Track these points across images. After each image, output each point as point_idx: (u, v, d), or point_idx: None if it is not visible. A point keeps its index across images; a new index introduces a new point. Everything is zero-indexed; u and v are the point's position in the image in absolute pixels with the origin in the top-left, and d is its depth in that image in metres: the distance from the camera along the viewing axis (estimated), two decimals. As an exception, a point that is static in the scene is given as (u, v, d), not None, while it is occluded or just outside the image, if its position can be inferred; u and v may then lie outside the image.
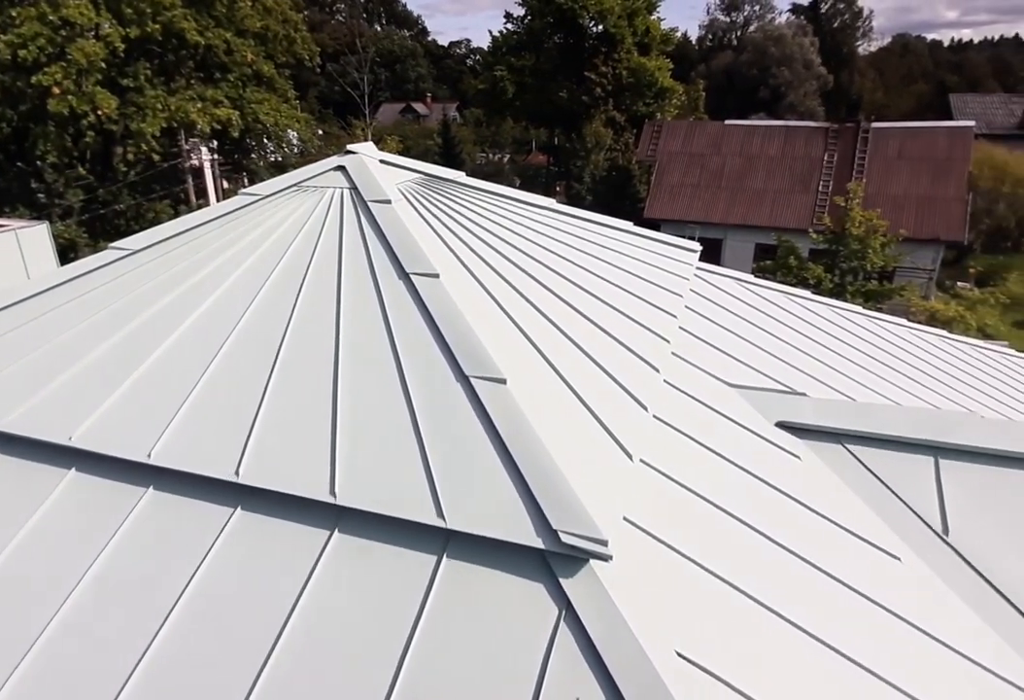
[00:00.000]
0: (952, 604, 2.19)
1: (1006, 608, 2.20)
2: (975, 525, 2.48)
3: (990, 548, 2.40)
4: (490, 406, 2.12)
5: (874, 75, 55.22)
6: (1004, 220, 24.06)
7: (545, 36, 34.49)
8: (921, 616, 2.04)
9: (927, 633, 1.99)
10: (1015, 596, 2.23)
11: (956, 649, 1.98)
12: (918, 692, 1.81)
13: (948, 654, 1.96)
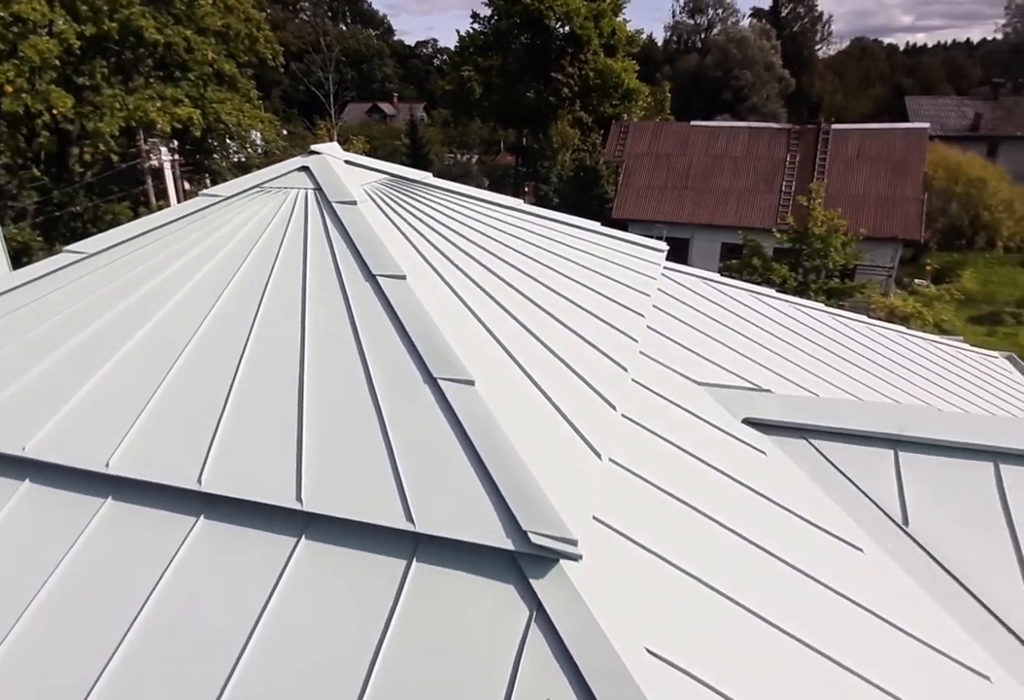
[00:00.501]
0: (912, 593, 2.25)
1: (964, 596, 2.27)
2: (934, 516, 2.55)
3: (948, 538, 2.47)
4: (458, 408, 2.11)
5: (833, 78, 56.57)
6: (958, 219, 24.85)
7: (512, 36, 34.58)
8: (883, 605, 2.09)
9: (889, 622, 2.04)
10: (972, 584, 2.30)
11: (916, 636, 2.03)
12: (882, 680, 1.85)
13: (909, 641, 2.02)
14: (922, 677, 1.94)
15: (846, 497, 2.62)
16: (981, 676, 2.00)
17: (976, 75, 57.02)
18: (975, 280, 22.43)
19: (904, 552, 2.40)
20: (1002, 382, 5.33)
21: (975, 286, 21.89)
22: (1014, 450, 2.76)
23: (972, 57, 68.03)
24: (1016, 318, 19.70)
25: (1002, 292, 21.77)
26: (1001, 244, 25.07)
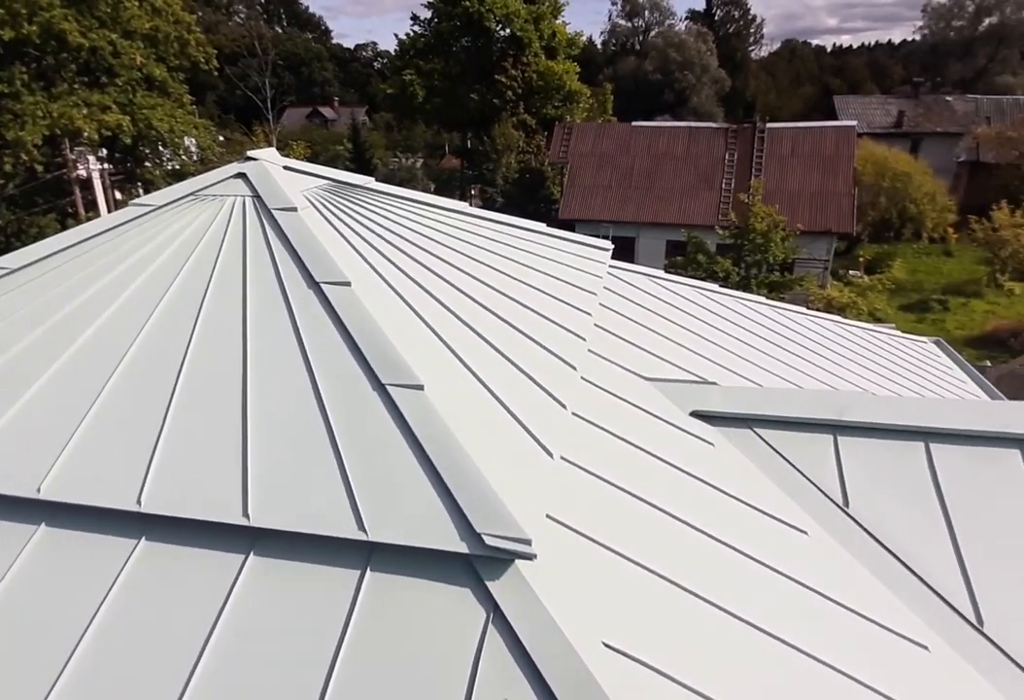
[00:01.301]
0: (854, 570, 2.35)
1: (902, 571, 2.38)
2: (872, 496, 2.67)
3: (886, 516, 2.59)
4: (408, 413, 2.10)
5: (766, 78, 58.50)
6: (887, 212, 26.01)
7: (453, 39, 34.55)
8: (828, 585, 2.18)
9: (834, 600, 2.12)
10: (909, 559, 2.41)
11: (859, 612, 2.12)
12: (829, 657, 1.92)
13: (853, 618, 2.10)
14: (866, 650, 2.03)
15: (790, 482, 2.72)
16: (920, 646, 2.10)
17: (898, 75, 59.87)
18: (904, 270, 23.55)
19: (845, 532, 2.50)
20: (931, 366, 5.61)
21: (904, 275, 22.99)
22: (942, 429, 2.91)
23: (894, 57, 71.44)
24: (942, 305, 20.77)
25: (929, 280, 22.91)
26: (926, 235, 26.36)
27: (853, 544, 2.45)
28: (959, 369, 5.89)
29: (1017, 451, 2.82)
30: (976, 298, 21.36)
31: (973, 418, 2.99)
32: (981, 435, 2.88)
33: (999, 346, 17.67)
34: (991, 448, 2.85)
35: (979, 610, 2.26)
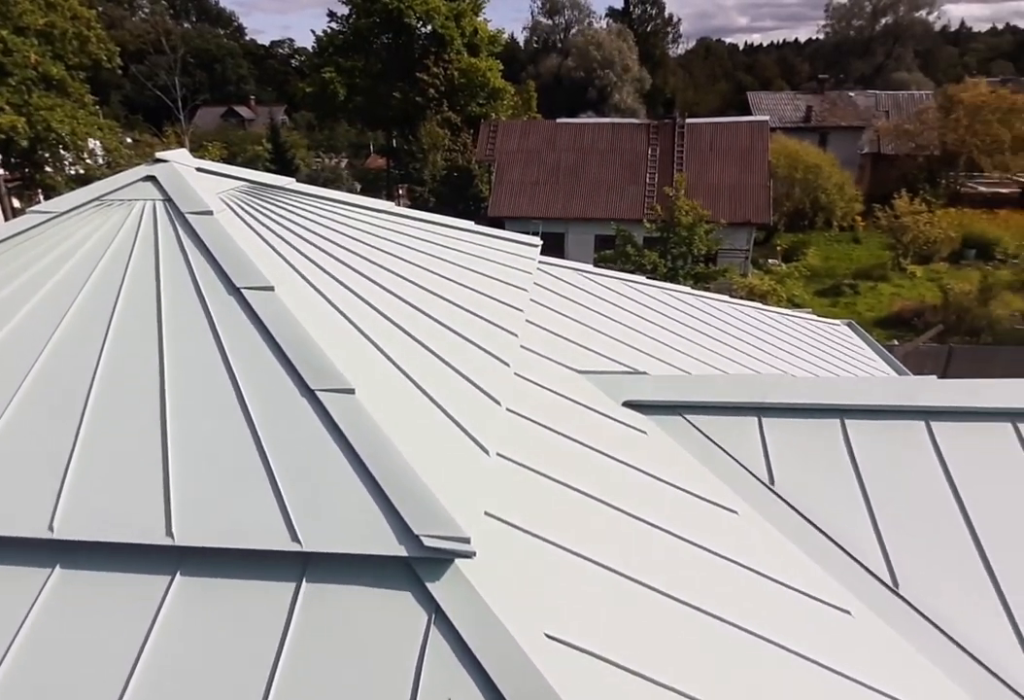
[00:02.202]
0: (782, 544, 2.46)
1: (825, 542, 2.51)
2: (795, 472, 2.80)
3: (808, 491, 2.73)
4: (339, 418, 2.06)
5: (684, 75, 60.33)
6: (800, 202, 27.34)
7: (373, 36, 33.99)
8: (757, 560, 2.28)
9: (764, 574, 2.22)
10: (830, 530, 2.55)
11: (787, 584, 2.23)
12: (763, 630, 2.01)
13: (782, 590, 2.21)
14: (795, 619, 2.14)
15: (720, 464, 2.82)
16: (843, 611, 2.22)
17: (805, 72, 62.92)
18: (818, 257, 24.81)
19: (772, 509, 2.62)
20: (845, 347, 5.94)
21: (818, 262, 24.23)
22: (856, 406, 3.09)
23: (801, 55, 75.07)
24: (853, 289, 22.02)
25: (840, 266, 24.23)
26: (836, 224, 27.86)
27: (779, 520, 2.57)
28: (870, 349, 6.26)
29: (922, 422, 3.02)
30: (883, 281, 22.74)
31: (883, 394, 3.18)
32: (890, 409, 3.08)
33: (904, 326, 18.90)
34: (900, 421, 3.05)
35: (895, 574, 2.42)
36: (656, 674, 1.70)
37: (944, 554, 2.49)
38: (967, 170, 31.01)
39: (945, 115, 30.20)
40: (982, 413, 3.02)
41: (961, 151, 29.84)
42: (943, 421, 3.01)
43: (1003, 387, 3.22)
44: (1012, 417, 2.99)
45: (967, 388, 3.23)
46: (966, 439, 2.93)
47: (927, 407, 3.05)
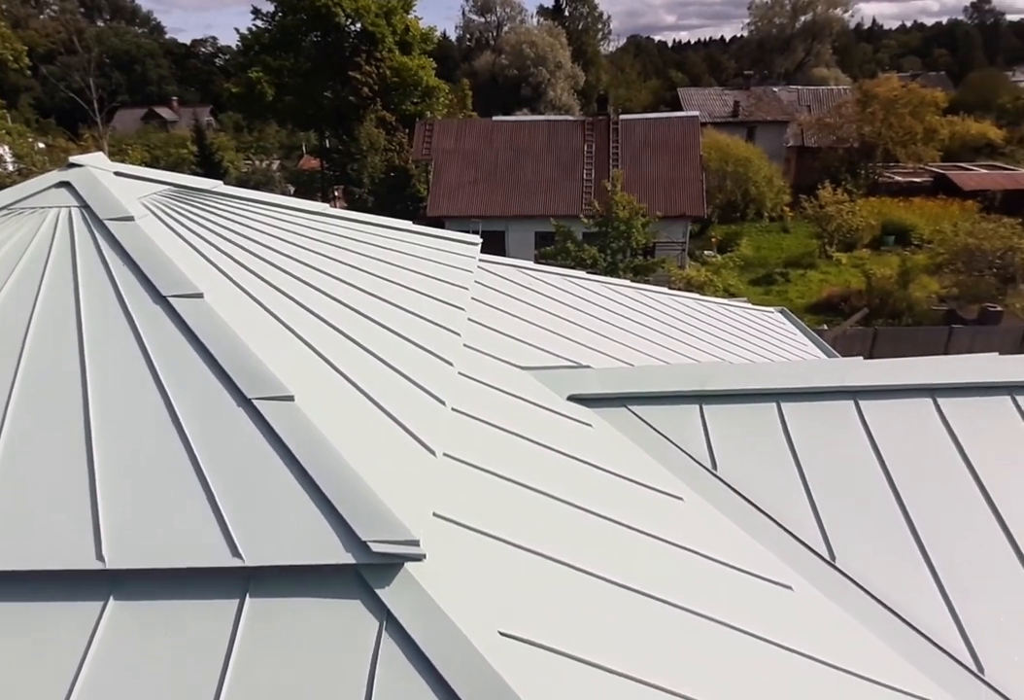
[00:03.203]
0: (725, 526, 2.54)
1: (764, 521, 2.60)
2: (736, 457, 2.89)
3: (749, 474, 2.82)
4: (278, 426, 2.00)
5: (616, 72, 61.27)
6: (732, 195, 28.22)
7: (301, 34, 33.15)
8: (702, 543, 2.34)
9: (709, 557, 2.28)
10: (769, 509, 2.64)
11: (730, 564, 2.30)
12: (711, 611, 2.06)
13: (726, 570, 2.28)
14: (739, 597, 2.21)
15: (664, 453, 2.88)
16: (785, 587, 2.31)
17: (731, 68, 64.88)
18: (751, 247, 25.70)
19: (716, 493, 2.69)
20: (778, 333, 6.17)
21: (751, 252, 25.10)
22: (791, 389, 3.21)
23: (726, 52, 77.42)
24: (784, 277, 22.91)
25: (772, 256, 25.15)
26: (766, 214, 28.90)
27: (723, 503, 2.65)
28: (802, 334, 6.52)
29: (851, 401, 3.17)
30: (812, 269, 23.72)
31: (815, 377, 3.32)
32: (822, 391, 3.21)
33: (832, 310, 19.79)
34: (831, 401, 3.18)
35: (831, 548, 2.53)
36: (610, 662, 1.73)
37: (875, 525, 2.61)
38: (884, 161, 32.63)
39: (862, 109, 31.71)
40: (905, 390, 3.18)
41: (878, 143, 31.39)
42: (870, 399, 3.16)
43: (923, 365, 3.41)
44: (931, 392, 3.17)
45: (890, 367, 3.41)
46: (891, 415, 3.08)
47: (855, 387, 3.20)
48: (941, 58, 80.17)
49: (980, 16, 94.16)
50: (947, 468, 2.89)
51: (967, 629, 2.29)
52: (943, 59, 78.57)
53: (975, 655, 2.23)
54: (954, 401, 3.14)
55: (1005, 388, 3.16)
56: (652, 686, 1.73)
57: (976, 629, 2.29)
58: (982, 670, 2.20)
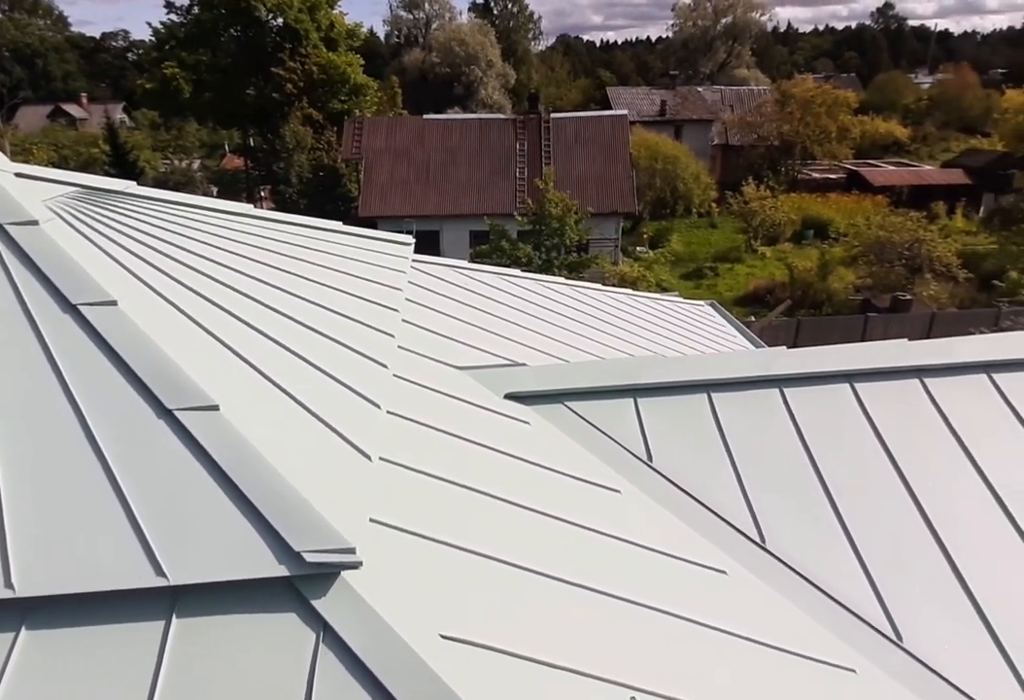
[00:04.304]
0: (661, 516, 2.60)
1: (699, 509, 2.68)
2: (670, 448, 2.97)
3: (683, 464, 2.90)
4: (203, 437, 1.92)
5: (546, 71, 61.78)
6: (661, 191, 28.97)
7: (219, 29, 31.93)
8: (639, 534, 2.39)
9: (646, 546, 2.34)
10: (703, 497, 2.73)
11: (666, 552, 2.36)
12: (650, 599, 2.11)
13: (662, 558, 2.33)
14: (676, 584, 2.27)
15: (601, 447, 2.93)
16: (720, 572, 2.39)
17: (658, 68, 66.45)
18: (681, 243, 26.46)
19: (652, 484, 2.76)
20: (709, 325, 6.37)
21: (681, 248, 25.85)
22: (720, 380, 3.32)
23: (652, 52, 79.32)
24: (713, 271, 23.72)
25: (701, 251, 25.99)
26: (695, 210, 29.82)
27: (658, 493, 2.71)
28: (731, 326, 6.75)
29: (777, 389, 3.30)
30: (739, 263, 24.65)
31: (742, 367, 3.44)
32: (750, 380, 3.33)
33: (759, 302, 20.63)
34: (758, 390, 3.31)
35: (762, 531, 2.63)
36: (553, 657, 1.74)
37: (801, 507, 2.74)
38: (802, 158, 34.21)
39: (780, 108, 33.14)
40: (825, 377, 3.34)
41: (796, 141, 32.87)
42: (794, 387, 3.30)
43: (840, 352, 3.58)
44: (848, 378, 3.34)
45: (811, 355, 3.57)
46: (813, 401, 3.23)
47: (780, 375, 3.33)
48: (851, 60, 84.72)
49: (885, 21, 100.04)
50: (865, 449, 3.05)
51: (887, 601, 2.43)
52: (853, 61, 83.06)
53: (894, 625, 2.37)
54: (869, 386, 3.32)
55: (914, 371, 3.37)
56: (595, 678, 1.75)
57: (895, 600, 2.43)
58: (901, 638, 2.34)
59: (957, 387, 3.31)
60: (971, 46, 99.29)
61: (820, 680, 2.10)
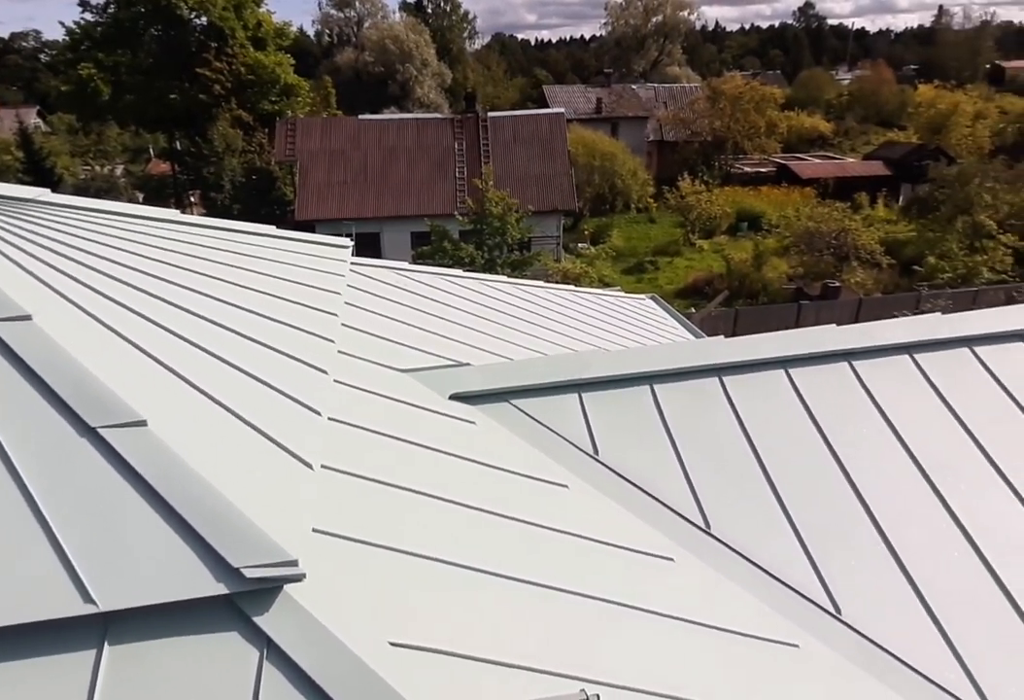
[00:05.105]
0: (609, 508, 2.63)
1: (648, 500, 2.73)
2: (616, 441, 3.01)
3: (629, 456, 2.94)
4: (130, 455, 1.84)
5: (482, 70, 61.70)
6: (600, 188, 29.37)
7: (140, 28, 30.61)
8: (589, 528, 2.41)
9: (594, 539, 2.36)
10: (650, 488, 2.77)
11: (616, 543, 2.39)
12: (599, 591, 2.13)
13: (611, 549, 2.36)
14: (624, 574, 2.30)
15: (548, 443, 2.94)
16: (667, 559, 2.43)
17: (593, 66, 67.33)
18: (621, 238, 26.91)
19: (599, 477, 2.79)
20: (650, 318, 6.50)
21: (622, 243, 26.29)
22: (662, 371, 3.38)
23: (587, 51, 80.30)
24: (653, 265, 24.23)
25: (641, 245, 26.48)
26: (634, 206, 30.36)
27: (606, 485, 2.75)
28: (672, 318, 6.90)
29: (716, 378, 3.39)
30: (678, 256, 25.24)
31: (683, 357, 3.51)
32: (690, 370, 3.41)
33: (698, 294, 21.19)
34: (698, 379, 3.39)
35: (706, 517, 2.69)
36: (504, 656, 1.74)
37: (743, 492, 2.82)
38: (734, 153, 35.26)
39: (712, 105, 34.08)
40: (761, 364, 3.45)
41: (727, 136, 33.88)
42: (732, 375, 3.40)
43: (775, 339, 3.70)
44: (783, 364, 3.46)
45: (748, 344, 3.68)
46: (751, 388, 3.33)
47: (718, 364, 3.42)
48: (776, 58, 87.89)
49: (806, 20, 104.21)
50: (800, 432, 3.16)
51: (825, 577, 2.53)
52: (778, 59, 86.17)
53: (833, 599, 2.46)
54: (802, 370, 3.44)
55: (843, 355, 3.51)
56: (549, 673, 1.76)
57: (833, 575, 2.53)
58: (839, 611, 2.44)
59: (882, 368, 3.47)
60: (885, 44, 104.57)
61: (764, 657, 2.16)
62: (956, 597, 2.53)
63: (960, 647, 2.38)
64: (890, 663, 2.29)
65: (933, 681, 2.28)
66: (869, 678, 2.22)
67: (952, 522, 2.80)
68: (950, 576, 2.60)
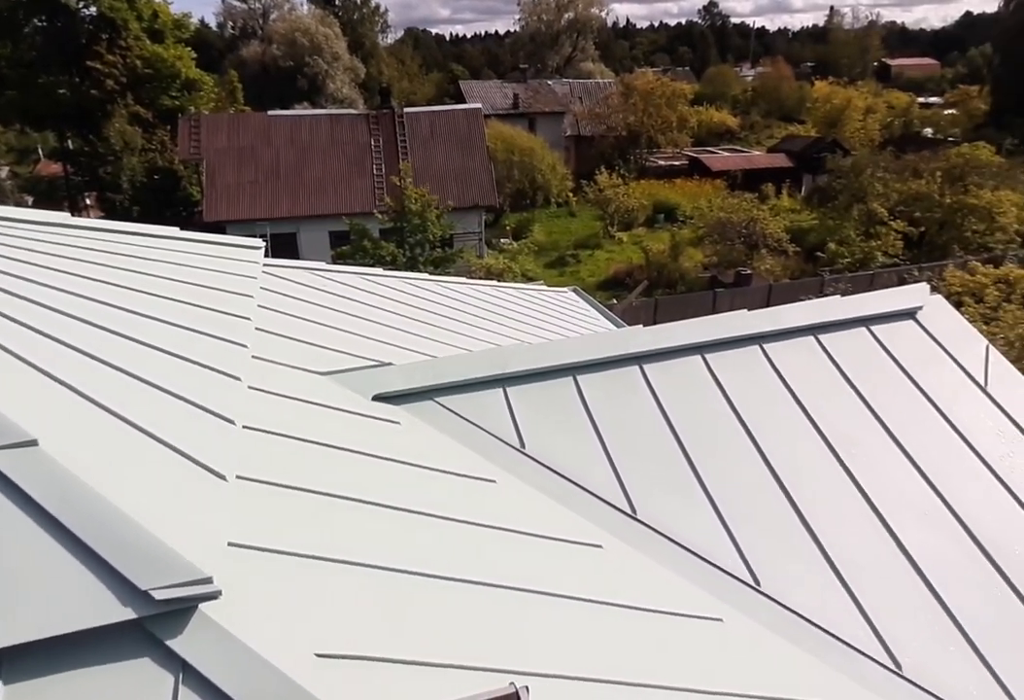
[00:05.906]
0: (536, 500, 2.66)
1: (574, 489, 2.77)
2: (541, 433, 3.03)
3: (555, 447, 2.97)
4: (17, 476, 1.70)
5: (397, 64, 60.74)
6: (520, 183, 29.60)
7: (20, 18, 28.33)
8: (517, 520, 2.42)
9: (523, 532, 2.37)
10: (578, 478, 2.82)
11: (545, 535, 2.41)
12: (531, 583, 2.14)
13: (540, 540, 2.38)
14: (554, 565, 2.33)
15: (474, 439, 2.94)
16: (595, 546, 2.48)
17: (508, 62, 67.49)
18: (543, 232, 27.23)
19: (525, 470, 2.81)
20: (573, 311, 6.60)
21: (544, 237, 26.60)
22: (583, 362, 3.43)
23: (502, 46, 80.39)
24: (575, 258, 24.67)
25: (563, 239, 26.89)
26: (554, 200, 30.76)
27: (533, 478, 2.77)
28: (594, 310, 7.03)
29: (636, 366, 3.47)
30: (598, 249, 25.78)
31: (604, 348, 3.58)
32: (611, 360, 3.48)
33: (620, 285, 21.74)
34: (619, 369, 3.46)
35: (632, 502, 2.76)
36: (438, 657, 1.72)
37: (666, 476, 2.91)
38: (648, 147, 36.29)
39: (625, 100, 34.91)
40: (678, 350, 3.56)
41: (641, 131, 34.81)
42: (651, 362, 3.49)
43: (691, 326, 3.83)
44: (699, 349, 3.59)
45: (666, 331, 3.79)
46: (670, 374, 3.44)
47: (638, 353, 3.51)
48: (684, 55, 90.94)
49: (711, 18, 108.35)
50: (717, 414, 3.29)
51: (745, 552, 2.64)
52: (686, 56, 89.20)
53: (753, 572, 2.58)
54: (717, 355, 3.58)
55: (754, 339, 3.68)
56: (483, 670, 1.75)
57: (752, 550, 2.65)
58: (759, 583, 2.55)
59: (790, 349, 3.65)
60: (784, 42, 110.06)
61: (691, 633, 2.24)
62: (862, 561, 2.70)
63: (867, 607, 2.55)
64: (806, 628, 2.42)
65: (844, 641, 2.43)
66: (787, 644, 2.34)
67: (857, 491, 2.99)
68: (856, 542, 2.78)
